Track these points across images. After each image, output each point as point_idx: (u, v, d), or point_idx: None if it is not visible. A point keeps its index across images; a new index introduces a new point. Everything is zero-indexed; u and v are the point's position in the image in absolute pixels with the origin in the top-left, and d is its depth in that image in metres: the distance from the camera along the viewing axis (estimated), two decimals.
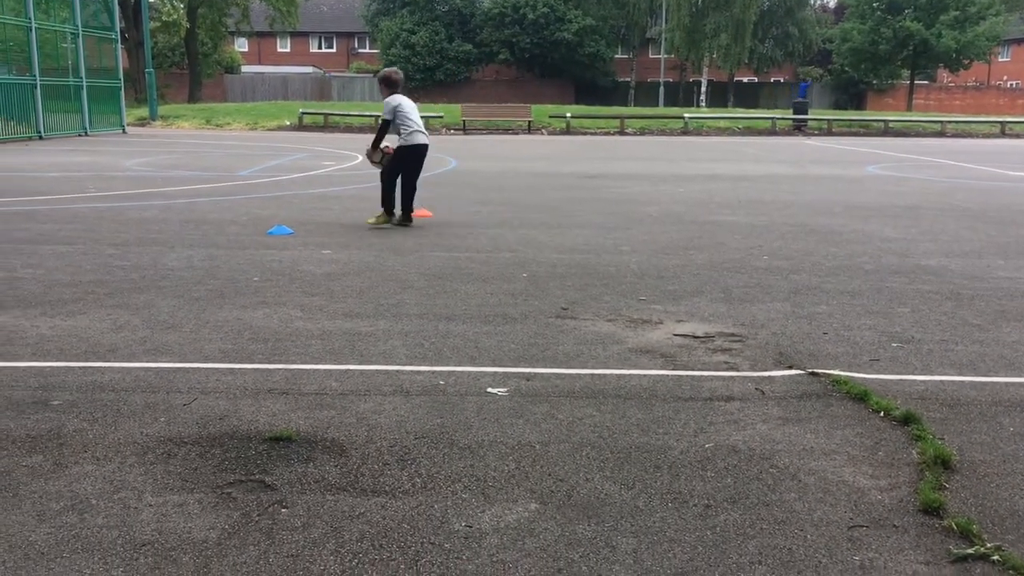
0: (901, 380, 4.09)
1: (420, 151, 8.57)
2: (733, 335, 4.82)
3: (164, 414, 3.52)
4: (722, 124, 32.69)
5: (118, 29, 28.43)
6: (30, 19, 22.55)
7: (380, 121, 8.66)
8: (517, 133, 30.25)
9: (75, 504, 2.74)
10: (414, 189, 8.66)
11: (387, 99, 8.57)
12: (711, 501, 2.84)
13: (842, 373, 4.14)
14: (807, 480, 3.01)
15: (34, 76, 22.81)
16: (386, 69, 8.85)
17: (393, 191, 8.58)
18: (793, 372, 4.19)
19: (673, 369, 4.21)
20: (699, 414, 3.62)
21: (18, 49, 22.69)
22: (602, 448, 3.25)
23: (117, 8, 28.82)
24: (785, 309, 5.42)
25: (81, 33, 25.07)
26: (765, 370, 4.22)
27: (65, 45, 24.97)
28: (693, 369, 4.22)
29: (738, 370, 4.22)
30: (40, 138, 22.98)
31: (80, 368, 4.08)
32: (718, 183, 13.52)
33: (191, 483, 2.91)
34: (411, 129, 8.44)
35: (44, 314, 5.05)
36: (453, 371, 4.13)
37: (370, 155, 8.69)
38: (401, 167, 8.53)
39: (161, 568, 2.39)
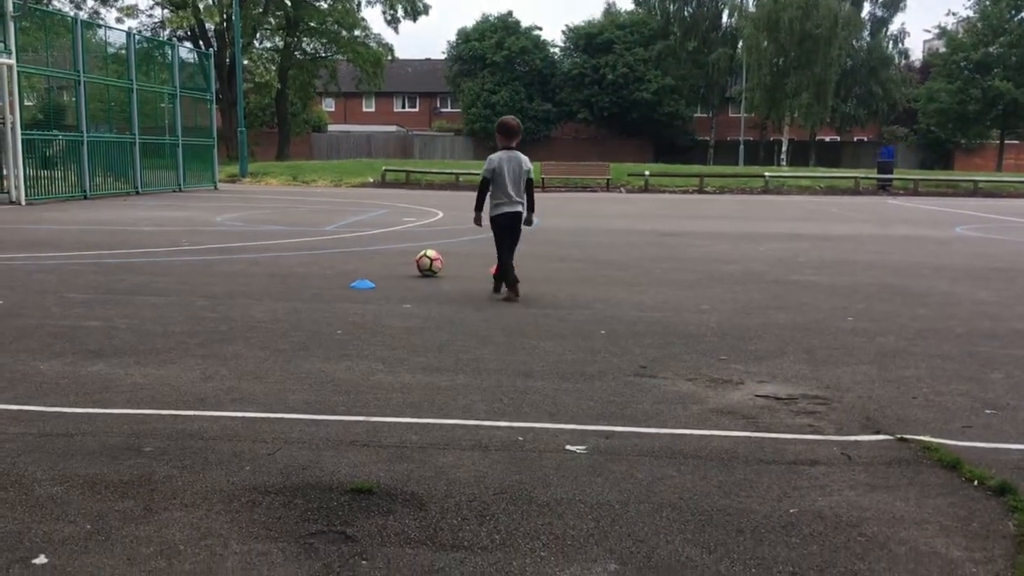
0: (995, 448, 3.94)
1: (501, 222, 7.74)
2: (817, 397, 4.72)
3: (249, 463, 3.60)
4: (804, 183, 32.34)
5: (213, 90, 29.67)
6: (132, 81, 23.73)
7: (480, 180, 7.90)
8: (596, 191, 30.40)
9: (164, 550, 2.81)
10: (506, 263, 7.77)
11: (491, 156, 7.82)
12: (796, 569, 2.77)
13: (933, 439, 4.01)
14: (897, 550, 2.91)
15: (134, 135, 23.92)
16: (505, 117, 8.02)
17: (501, 262, 7.87)
18: (881, 437, 4.07)
19: (755, 431, 4.14)
20: (783, 478, 3.54)
21: (119, 109, 23.86)
22: (682, 510, 3.20)
23: (213, 70, 30.11)
24: (871, 372, 5.29)
25: (179, 94, 26.24)
26: (851, 434, 4.11)
27: (163, 105, 26.16)
28: (776, 431, 4.14)
29: (823, 433, 4.12)
30: (137, 193, 23.99)
31: (171, 416, 4.21)
32: (800, 242, 13.33)
33: (275, 532, 2.96)
34: (497, 199, 7.70)
35: (138, 363, 5.24)
36: (532, 427, 4.13)
37: (476, 219, 7.94)
38: (495, 238, 7.85)
39: None
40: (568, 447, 3.86)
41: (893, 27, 57.09)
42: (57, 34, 21.76)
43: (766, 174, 32.54)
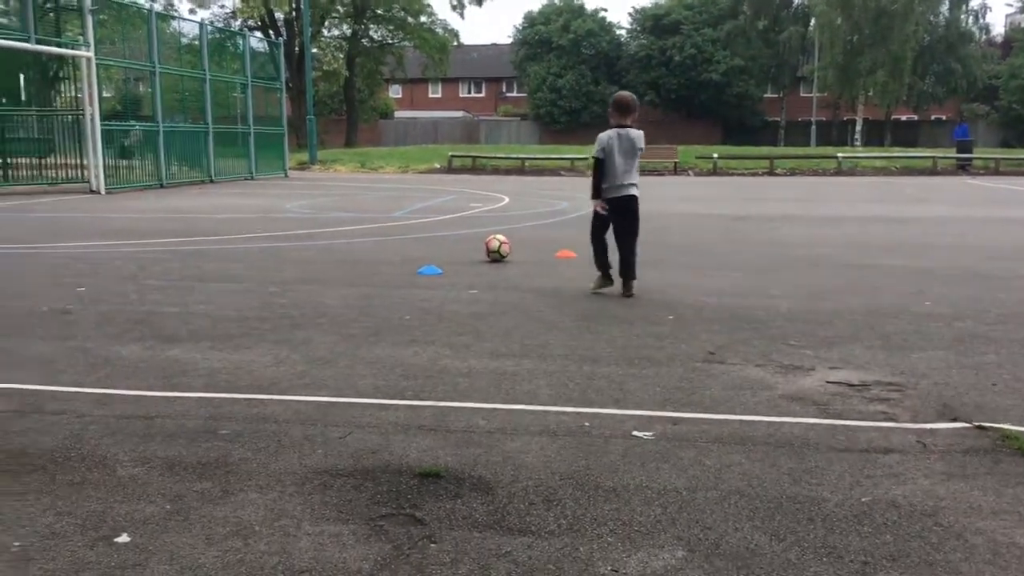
0: None
1: (611, 205, 7.09)
2: (892, 384, 4.61)
3: (321, 446, 3.68)
4: (878, 164, 31.54)
5: (283, 79, 30.14)
6: (205, 71, 24.23)
7: (592, 160, 7.28)
8: (663, 174, 30.11)
9: (240, 530, 2.89)
10: (629, 253, 7.11)
11: (601, 134, 7.19)
12: (869, 558, 2.72)
13: (1012, 427, 3.89)
14: (974, 540, 2.84)
15: (207, 124, 24.45)
16: (620, 92, 7.44)
17: (599, 249, 7.26)
18: (958, 425, 3.97)
19: (827, 418, 4.07)
20: (855, 466, 3.48)
21: (194, 99, 24.40)
22: (752, 497, 3.17)
23: (283, 59, 30.58)
24: (948, 358, 5.15)
25: (250, 83, 26.73)
26: (927, 422, 4.02)
27: (235, 95, 26.68)
28: (848, 418, 4.06)
29: (897, 421, 4.03)
30: (211, 182, 24.54)
31: (245, 400, 4.32)
32: (874, 225, 13.02)
33: (346, 514, 3.02)
34: (606, 181, 7.07)
35: (213, 348, 5.37)
36: (598, 413, 4.13)
37: (595, 205, 7.18)
38: (596, 224, 7.23)
39: None
40: (635, 433, 3.85)
41: (973, 2, 55.19)
42: (133, 26, 22.34)
43: (839, 155, 31.81)
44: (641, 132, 7.16)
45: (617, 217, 7.11)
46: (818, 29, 50.86)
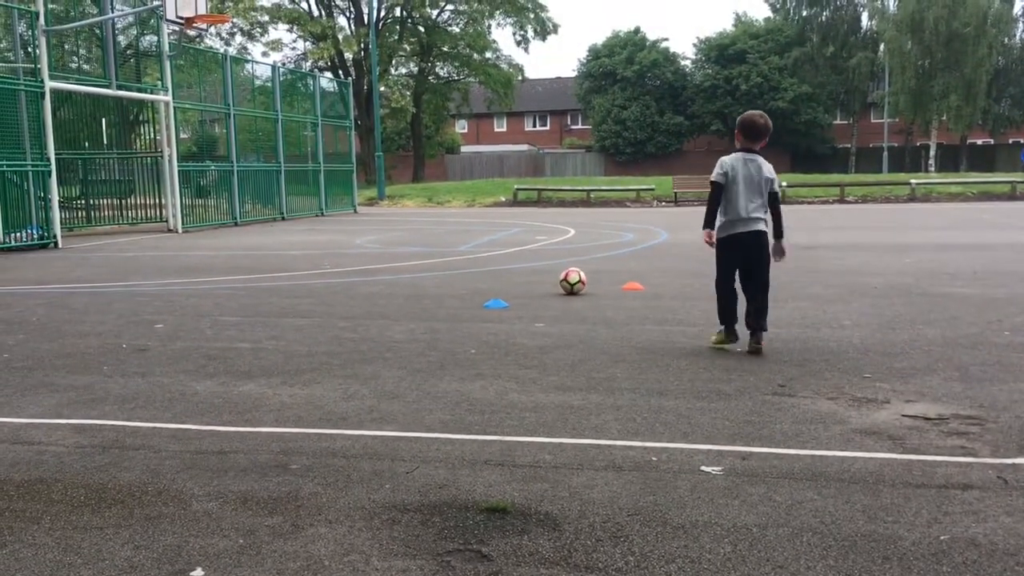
0: None
1: (731, 246, 6.11)
2: (971, 417, 4.48)
3: (389, 481, 3.71)
4: (954, 189, 30.77)
5: (352, 117, 30.79)
6: (277, 112, 24.91)
7: (711, 184, 6.19)
8: None
9: (310, 564, 2.93)
10: (757, 299, 6.12)
11: (722, 158, 6.20)
12: None
13: None
14: None
15: (279, 163, 25.09)
16: (749, 112, 6.30)
17: (727, 298, 6.28)
18: None
19: (902, 453, 3.96)
20: (932, 503, 3.38)
21: (266, 139, 25.08)
22: (824, 535, 3.10)
23: (352, 98, 31.25)
24: None
25: (320, 122, 27.37)
26: (1008, 456, 3.88)
27: (306, 133, 27.34)
28: (925, 453, 3.95)
29: (977, 456, 3.90)
30: (283, 219, 25.12)
31: (315, 435, 4.39)
32: (950, 253, 12.69)
33: (414, 549, 3.04)
34: (727, 214, 6.09)
35: (284, 383, 5.48)
36: (666, 447, 4.09)
37: (706, 236, 6.25)
38: (720, 265, 6.27)
39: None
40: (703, 468, 3.81)
41: None
42: (208, 70, 23.13)
43: (912, 181, 31.14)
44: (771, 167, 6.15)
45: (741, 257, 6.13)
46: (888, 54, 50.10)
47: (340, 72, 46.50)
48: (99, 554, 3.04)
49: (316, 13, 46.69)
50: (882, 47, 52.60)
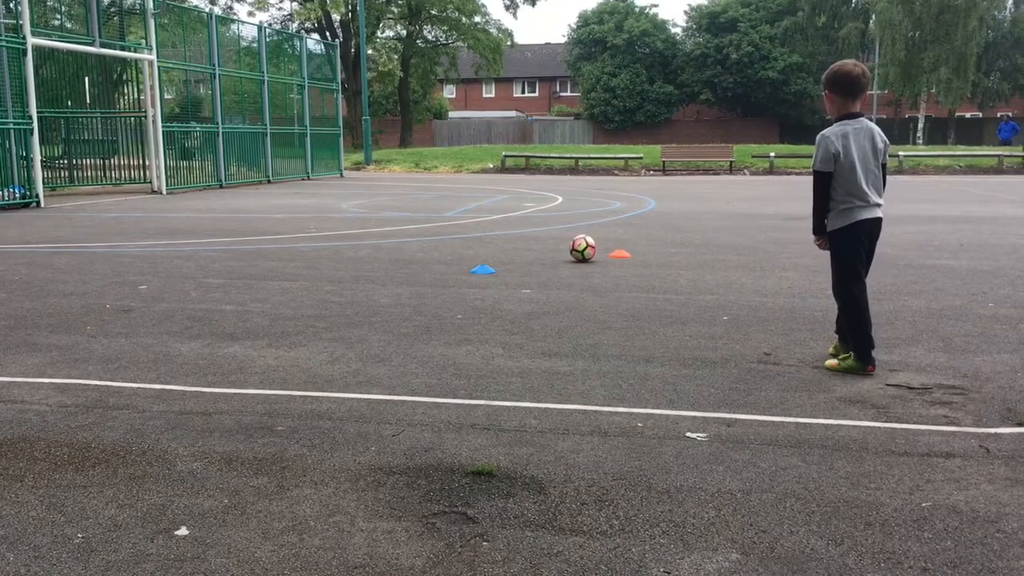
0: None
1: (860, 232, 4.73)
2: (954, 387, 4.51)
3: (375, 443, 3.71)
4: (941, 162, 30.83)
5: (339, 80, 30.48)
6: (263, 73, 24.61)
7: (813, 175, 4.81)
8: (718, 173, 29.80)
9: (295, 525, 2.93)
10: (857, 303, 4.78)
11: (826, 134, 4.75)
12: (928, 564, 2.66)
13: None
14: None
15: (265, 125, 24.83)
16: (842, 63, 4.80)
17: (857, 309, 4.77)
18: (1023, 430, 3.86)
19: (886, 421, 3.99)
20: (915, 470, 3.40)
21: (251, 101, 24.80)
22: (808, 500, 3.12)
23: (339, 61, 30.92)
24: (1014, 361, 5.01)
25: (307, 85, 27.08)
26: (991, 426, 3.91)
27: (292, 96, 27.05)
28: (908, 422, 3.98)
29: (959, 425, 3.93)
30: (269, 182, 24.91)
31: (301, 397, 4.38)
32: (937, 225, 12.73)
33: (399, 511, 3.04)
34: (846, 201, 4.72)
35: (270, 345, 5.46)
36: (651, 414, 4.10)
37: (818, 239, 4.96)
38: (847, 262, 4.80)
39: None
40: (688, 434, 3.82)
41: None
42: (193, 30, 22.78)
43: (900, 153, 31.16)
44: (881, 131, 4.83)
45: (854, 254, 4.78)
46: (878, 26, 49.85)
47: (327, 34, 45.97)
48: (83, 512, 3.03)
49: None
50: (873, 18, 52.39)
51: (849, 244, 4.76)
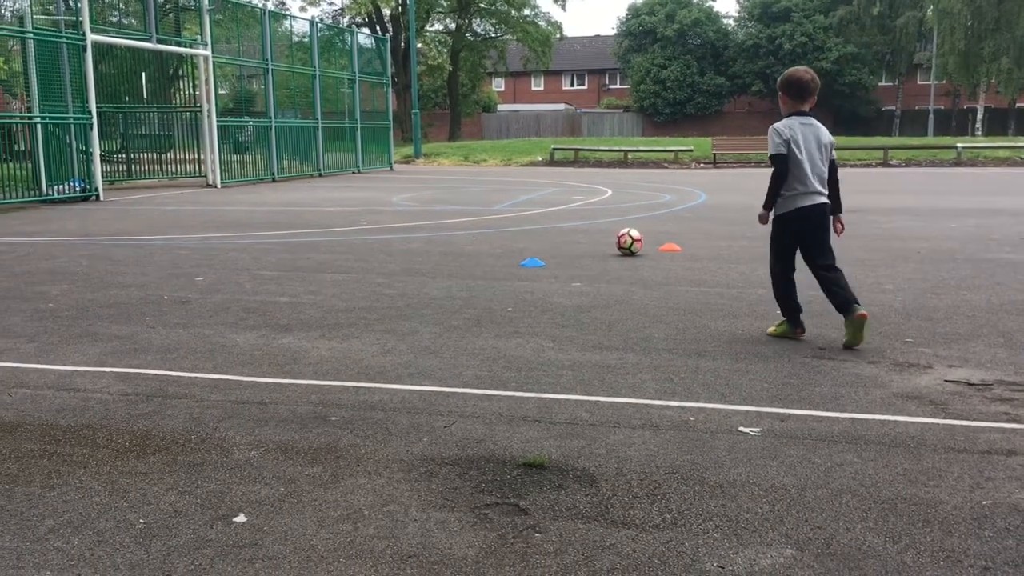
0: None
1: (793, 220, 5.34)
2: (1015, 384, 4.41)
3: (427, 435, 3.74)
4: (1001, 154, 30.05)
5: (389, 74, 30.68)
6: (315, 67, 24.86)
7: (770, 160, 5.35)
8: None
9: (350, 514, 2.97)
10: (834, 276, 5.37)
11: (774, 126, 5.33)
12: (989, 563, 2.61)
13: None
14: None
15: (317, 119, 25.10)
16: (794, 69, 5.49)
17: (783, 285, 5.48)
18: None
19: (944, 418, 3.92)
20: (975, 468, 3.34)
21: (303, 95, 25.08)
22: (864, 497, 3.08)
23: (389, 55, 31.12)
24: None
25: (357, 79, 27.30)
26: None
27: (343, 90, 27.29)
28: (968, 419, 3.90)
29: (1021, 422, 3.85)
30: (320, 175, 25.19)
31: (354, 388, 4.43)
32: (997, 218, 12.43)
33: (451, 502, 3.06)
34: (790, 188, 5.28)
35: (323, 337, 5.53)
36: (703, 408, 4.08)
37: (762, 216, 5.49)
38: (780, 245, 5.47)
39: None
40: (741, 429, 3.79)
41: None
42: (247, 25, 23.10)
43: (958, 145, 30.45)
44: (828, 131, 5.47)
45: (807, 234, 5.38)
46: (936, 15, 48.81)
47: (377, 28, 46.29)
48: (144, 498, 3.11)
49: None
50: (930, 7, 51.25)
51: (784, 231, 5.42)
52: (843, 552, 2.69)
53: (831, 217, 5.45)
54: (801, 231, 5.38)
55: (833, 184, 5.42)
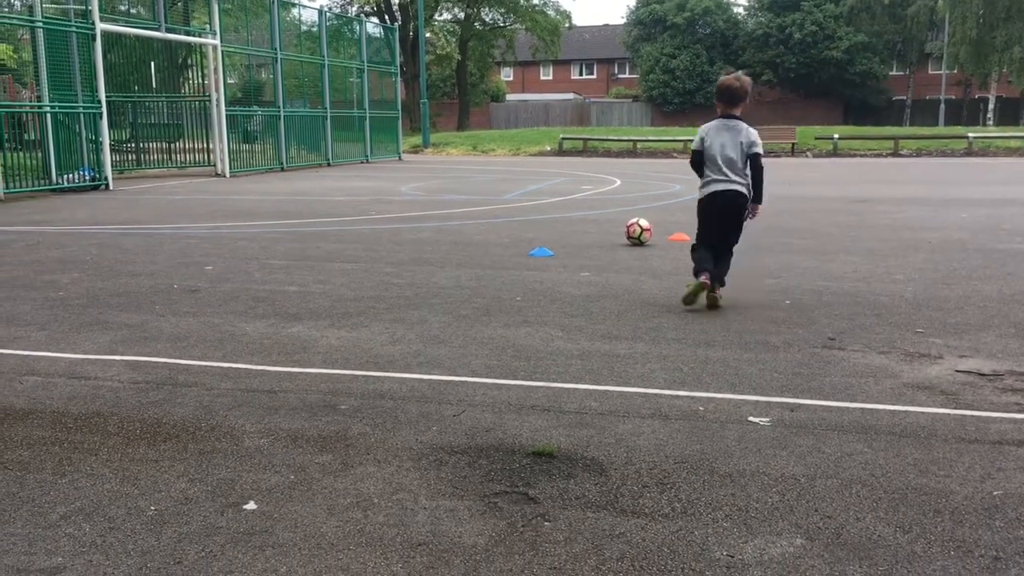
0: None
1: (706, 205, 6.15)
2: None
3: (436, 423, 3.74)
4: (1013, 144, 29.88)
5: (398, 64, 30.64)
6: (323, 57, 24.84)
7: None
8: (779, 156, 29.30)
9: (359, 502, 2.98)
10: (725, 254, 6.15)
11: (701, 126, 6.28)
12: (1000, 553, 2.60)
13: None
14: None
15: (325, 108, 25.08)
16: (725, 77, 6.19)
17: (699, 249, 6.17)
18: None
19: (955, 408, 3.90)
20: (986, 458, 3.33)
21: (312, 85, 25.06)
22: (874, 487, 3.07)
23: (397, 44, 31.07)
24: None
25: (366, 68, 27.27)
26: None
27: (351, 80, 27.27)
28: (979, 409, 3.89)
29: None
30: (328, 165, 25.19)
31: (363, 376, 4.43)
32: (1009, 208, 12.37)
33: (461, 490, 3.07)
34: (706, 176, 6.11)
35: (332, 326, 5.53)
36: (713, 397, 4.07)
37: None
38: (699, 220, 6.24)
39: (435, 568, 2.54)
40: (751, 418, 3.78)
41: None
42: (256, 14, 23.09)
43: (970, 135, 30.28)
44: (755, 132, 6.08)
45: (715, 214, 6.10)
46: (948, 3, 48.43)
47: (386, 17, 46.20)
48: (155, 485, 3.12)
49: None
50: None
51: (702, 211, 6.21)
52: (853, 542, 2.68)
53: (745, 203, 6.08)
54: (712, 211, 6.15)
55: (754, 176, 6.07)
